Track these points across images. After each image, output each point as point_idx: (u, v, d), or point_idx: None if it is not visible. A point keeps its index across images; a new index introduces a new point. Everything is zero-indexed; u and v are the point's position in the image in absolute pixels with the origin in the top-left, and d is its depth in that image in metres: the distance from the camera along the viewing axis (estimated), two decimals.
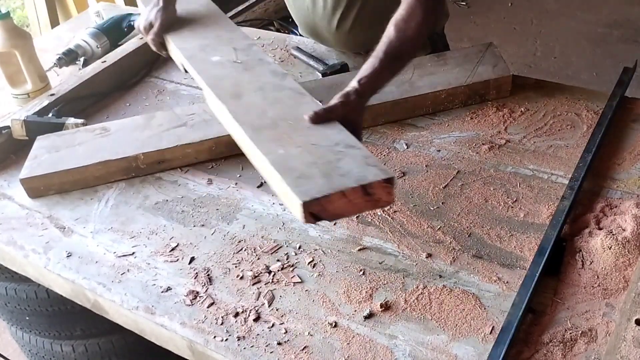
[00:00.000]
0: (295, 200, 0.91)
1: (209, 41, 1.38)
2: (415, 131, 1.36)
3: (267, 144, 1.03)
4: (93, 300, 1.10)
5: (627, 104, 1.36)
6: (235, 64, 1.28)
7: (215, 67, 1.28)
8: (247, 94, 1.18)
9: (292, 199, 0.93)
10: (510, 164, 1.24)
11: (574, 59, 3.58)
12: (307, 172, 0.96)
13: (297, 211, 0.92)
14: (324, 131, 1.06)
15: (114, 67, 1.61)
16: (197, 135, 1.31)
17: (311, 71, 1.58)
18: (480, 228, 1.10)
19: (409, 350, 0.92)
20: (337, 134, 1.05)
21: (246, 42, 1.37)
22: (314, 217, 0.92)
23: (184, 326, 0.99)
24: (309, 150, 1.01)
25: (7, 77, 1.58)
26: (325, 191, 0.91)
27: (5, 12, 1.50)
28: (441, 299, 0.99)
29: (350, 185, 0.92)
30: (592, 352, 0.89)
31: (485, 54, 1.45)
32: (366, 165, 0.97)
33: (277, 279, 1.06)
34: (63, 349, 1.59)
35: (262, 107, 1.13)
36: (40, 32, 2.89)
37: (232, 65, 1.28)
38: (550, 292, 0.98)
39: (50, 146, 1.33)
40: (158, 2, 1.44)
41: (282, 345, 0.95)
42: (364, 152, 1.01)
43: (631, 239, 1.01)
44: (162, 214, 1.22)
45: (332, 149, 1.01)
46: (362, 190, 0.93)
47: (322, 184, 0.93)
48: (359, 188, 0.92)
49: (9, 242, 1.19)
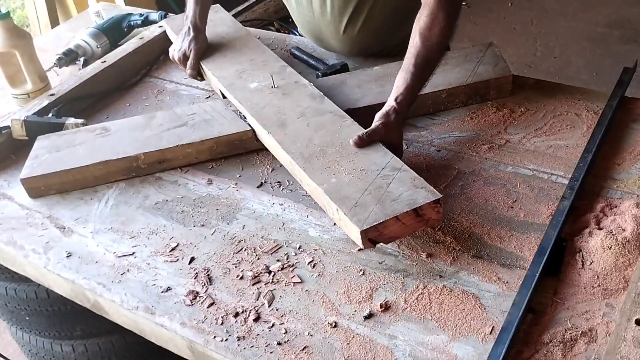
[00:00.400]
0: (354, 229, 1.00)
1: (244, 66, 1.46)
2: (415, 131, 1.36)
3: (319, 173, 1.13)
4: (93, 300, 1.10)
5: (627, 104, 1.36)
6: (273, 90, 1.36)
7: (254, 94, 1.36)
8: (291, 122, 1.26)
9: (351, 227, 1.02)
10: (510, 164, 1.24)
11: (574, 59, 3.58)
12: (362, 200, 1.05)
13: (356, 237, 1.02)
14: (369, 156, 1.15)
15: (114, 67, 1.61)
16: (197, 135, 1.32)
17: (311, 71, 1.58)
18: (480, 228, 1.10)
19: (409, 350, 0.92)
20: (383, 157, 1.14)
21: (279, 65, 1.45)
22: (371, 242, 1.01)
23: (184, 326, 0.99)
24: (359, 177, 1.10)
25: (7, 77, 1.59)
26: (381, 218, 1.00)
27: (5, 12, 1.50)
28: (441, 299, 0.99)
29: (403, 210, 1.01)
30: (592, 352, 0.89)
31: (486, 53, 1.45)
32: (414, 188, 1.06)
33: (277, 279, 1.06)
34: (63, 349, 1.59)
35: (307, 134, 1.22)
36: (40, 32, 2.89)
37: (271, 92, 1.36)
38: (550, 292, 0.98)
39: (51, 146, 1.33)
40: (189, 31, 1.49)
41: (282, 345, 0.95)
42: (411, 174, 1.09)
43: (631, 239, 1.01)
44: (162, 214, 1.22)
45: (380, 173, 1.10)
46: (414, 213, 1.02)
47: (377, 211, 1.02)
48: (412, 212, 1.02)
49: (9, 242, 1.19)
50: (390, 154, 1.14)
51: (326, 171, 1.12)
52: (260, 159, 1.33)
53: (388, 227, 1.01)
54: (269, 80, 1.38)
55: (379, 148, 1.16)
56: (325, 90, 1.40)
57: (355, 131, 1.19)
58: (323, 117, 1.26)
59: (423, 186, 1.06)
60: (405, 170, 1.10)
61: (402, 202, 1.03)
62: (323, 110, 1.28)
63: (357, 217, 1.01)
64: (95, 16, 1.92)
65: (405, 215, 1.01)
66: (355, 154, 1.15)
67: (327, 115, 1.27)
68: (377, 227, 1.00)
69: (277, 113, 1.29)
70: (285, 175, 1.26)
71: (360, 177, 1.10)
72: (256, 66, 1.45)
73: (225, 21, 1.65)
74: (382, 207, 1.02)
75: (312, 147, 1.18)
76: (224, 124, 1.34)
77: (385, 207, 1.02)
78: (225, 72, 1.45)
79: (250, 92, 1.37)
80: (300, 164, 1.15)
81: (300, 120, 1.26)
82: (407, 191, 1.05)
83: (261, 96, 1.35)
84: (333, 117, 1.26)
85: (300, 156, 1.17)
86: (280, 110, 1.30)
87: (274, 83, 1.38)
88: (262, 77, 1.41)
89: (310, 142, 1.20)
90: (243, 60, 1.48)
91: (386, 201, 1.04)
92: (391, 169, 1.11)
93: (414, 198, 1.03)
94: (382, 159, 1.13)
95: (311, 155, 1.17)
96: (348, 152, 1.16)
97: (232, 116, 1.36)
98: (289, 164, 1.21)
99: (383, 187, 1.06)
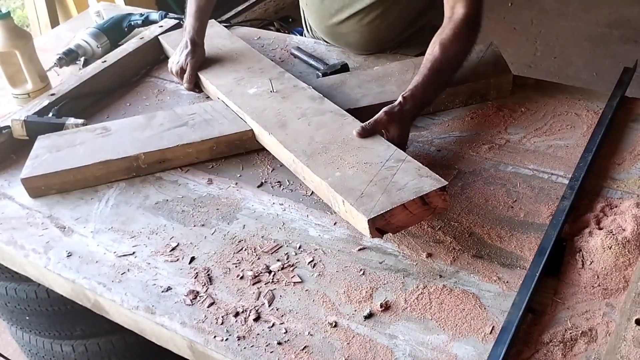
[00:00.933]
0: (361, 218, 1.00)
1: (242, 74, 1.47)
2: (415, 131, 1.36)
3: (323, 168, 1.13)
4: (93, 300, 1.10)
5: (627, 104, 1.36)
6: (272, 94, 1.37)
7: (254, 99, 1.36)
8: (292, 122, 1.27)
9: (358, 217, 1.02)
10: (510, 163, 1.24)
11: (574, 59, 3.58)
12: (367, 190, 1.05)
13: (363, 228, 1.02)
14: (373, 149, 1.15)
15: (114, 67, 1.61)
16: (197, 135, 1.32)
17: (311, 71, 1.58)
18: (480, 228, 1.10)
19: (409, 350, 0.92)
20: (386, 150, 1.14)
21: (277, 71, 1.46)
22: (379, 232, 1.01)
23: (184, 326, 0.99)
24: (363, 170, 1.10)
25: (7, 77, 1.58)
26: (388, 206, 1.01)
27: (5, 12, 1.50)
28: (441, 299, 0.99)
29: (409, 197, 1.02)
30: (592, 352, 0.89)
31: (486, 53, 1.45)
32: (420, 177, 1.06)
33: (277, 278, 1.06)
34: (63, 349, 1.59)
35: (309, 133, 1.22)
36: (40, 32, 2.89)
37: (270, 95, 1.36)
38: (550, 292, 0.98)
39: (51, 146, 1.33)
40: (187, 44, 1.52)
41: (282, 345, 0.95)
42: (415, 164, 1.10)
43: (631, 239, 1.01)
44: (163, 213, 1.22)
45: (384, 165, 1.10)
46: (420, 201, 1.02)
47: (383, 200, 1.02)
48: (418, 199, 1.02)
49: (9, 242, 1.19)
50: (394, 147, 1.15)
51: (330, 166, 1.13)
52: (261, 158, 1.33)
53: (395, 215, 1.01)
54: (267, 86, 1.39)
55: (382, 142, 1.17)
56: (325, 90, 1.41)
57: (357, 127, 1.19)
58: (324, 117, 1.26)
59: (428, 175, 1.06)
60: (409, 161, 1.11)
61: (408, 191, 1.03)
62: (323, 110, 1.28)
63: (364, 207, 1.01)
64: (95, 16, 1.92)
65: (412, 203, 1.02)
66: (359, 148, 1.15)
67: (328, 114, 1.27)
68: (384, 216, 1.00)
69: (277, 115, 1.29)
70: (285, 175, 1.26)
71: (365, 170, 1.10)
72: (254, 73, 1.46)
73: (221, 34, 1.66)
74: (389, 196, 1.03)
75: (314, 145, 1.19)
76: (224, 123, 1.34)
77: (392, 196, 1.03)
78: (223, 80, 1.45)
79: (249, 97, 1.37)
80: (303, 160, 1.15)
81: (301, 121, 1.26)
82: (413, 180, 1.05)
83: (260, 100, 1.35)
84: (334, 116, 1.26)
85: (302, 153, 1.17)
86: (281, 112, 1.30)
87: (272, 87, 1.38)
88: (260, 83, 1.41)
89: (312, 140, 1.20)
90: (240, 68, 1.49)
91: (392, 190, 1.04)
92: (395, 160, 1.11)
93: (420, 186, 1.04)
94: (386, 152, 1.13)
95: (314, 152, 1.17)
96: (351, 148, 1.16)
97: (232, 116, 1.36)
98: (291, 162, 1.21)
99: (388, 178, 1.07)
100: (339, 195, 1.06)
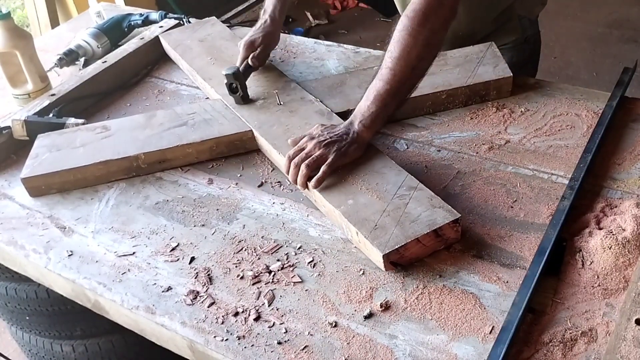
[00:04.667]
0: (376, 252, 1.00)
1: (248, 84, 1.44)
2: (415, 131, 1.36)
3: (336, 195, 1.12)
4: (93, 300, 1.10)
5: (627, 104, 1.36)
6: (279, 106, 1.36)
7: (261, 112, 1.35)
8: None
9: (372, 250, 1.02)
10: (510, 164, 1.24)
11: (574, 59, 3.58)
12: (381, 222, 1.05)
13: (378, 260, 1.03)
14: (383, 175, 1.15)
15: (114, 67, 1.61)
16: (198, 135, 1.32)
17: (312, 71, 1.58)
18: (480, 228, 1.10)
19: (409, 350, 0.92)
20: (397, 176, 1.14)
21: (284, 80, 1.45)
22: (393, 265, 1.02)
23: (184, 326, 0.99)
24: (376, 197, 1.10)
25: (7, 78, 1.59)
26: (402, 240, 1.01)
27: (5, 12, 1.50)
28: (441, 299, 0.99)
29: (423, 231, 1.02)
30: (592, 352, 0.89)
31: (486, 54, 1.45)
32: (432, 208, 1.06)
33: (277, 278, 1.06)
34: (63, 349, 1.59)
35: None
36: (41, 32, 2.89)
37: (278, 108, 1.36)
38: (550, 292, 0.98)
39: (51, 145, 1.33)
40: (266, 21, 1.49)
41: (282, 345, 0.95)
42: (427, 192, 1.10)
43: (631, 239, 1.01)
44: (163, 213, 1.22)
45: (396, 193, 1.10)
46: (434, 234, 1.03)
47: (397, 233, 1.02)
48: (432, 233, 1.03)
49: (9, 242, 1.19)
50: (405, 172, 1.14)
51: (342, 193, 1.12)
52: (261, 158, 1.33)
53: (409, 249, 1.02)
54: (274, 98, 1.38)
55: (392, 166, 1.16)
56: (325, 90, 1.41)
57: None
58: None
59: (441, 205, 1.06)
60: (421, 189, 1.10)
61: (421, 223, 1.03)
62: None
63: (378, 241, 1.01)
64: (95, 16, 1.93)
65: (426, 236, 1.02)
66: (370, 173, 1.15)
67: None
68: (398, 250, 1.01)
69: (287, 132, 1.28)
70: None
71: (377, 197, 1.10)
72: (259, 82, 1.45)
73: (223, 34, 1.65)
74: (402, 229, 1.03)
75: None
76: (224, 123, 1.34)
77: (406, 229, 1.03)
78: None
79: (257, 110, 1.36)
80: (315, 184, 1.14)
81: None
82: (426, 211, 1.05)
83: (267, 114, 1.34)
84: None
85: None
86: (289, 128, 1.29)
87: (279, 100, 1.37)
88: (266, 93, 1.41)
89: None
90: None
91: (405, 222, 1.04)
92: (407, 188, 1.11)
93: (433, 218, 1.04)
94: (397, 178, 1.13)
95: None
96: (362, 173, 1.15)
97: (232, 116, 1.36)
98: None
99: (401, 208, 1.07)
100: (353, 227, 1.05)
